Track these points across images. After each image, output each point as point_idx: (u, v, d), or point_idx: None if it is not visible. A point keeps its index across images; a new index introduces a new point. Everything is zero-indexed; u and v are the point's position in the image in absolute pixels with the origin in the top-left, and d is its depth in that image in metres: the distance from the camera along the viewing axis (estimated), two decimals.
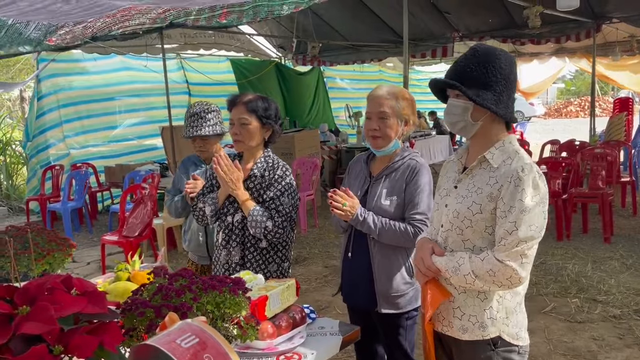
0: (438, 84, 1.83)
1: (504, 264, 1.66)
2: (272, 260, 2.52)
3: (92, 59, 8.92)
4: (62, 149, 8.83)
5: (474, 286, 1.73)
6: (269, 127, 2.53)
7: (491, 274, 1.68)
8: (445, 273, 1.77)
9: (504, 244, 1.67)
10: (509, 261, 1.66)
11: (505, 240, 1.67)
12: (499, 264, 1.67)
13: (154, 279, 1.75)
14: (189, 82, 10.54)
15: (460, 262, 1.72)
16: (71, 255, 2.19)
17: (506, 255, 1.66)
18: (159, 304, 1.37)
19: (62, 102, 8.78)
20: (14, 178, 9.98)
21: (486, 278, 1.69)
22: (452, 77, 1.78)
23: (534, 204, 1.67)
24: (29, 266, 2.02)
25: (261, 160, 2.53)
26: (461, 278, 1.73)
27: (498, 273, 1.67)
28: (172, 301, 1.38)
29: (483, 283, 1.70)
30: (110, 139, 9.37)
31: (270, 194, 2.45)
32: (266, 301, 1.82)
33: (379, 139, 2.36)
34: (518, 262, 1.66)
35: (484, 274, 1.69)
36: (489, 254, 1.70)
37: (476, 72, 1.75)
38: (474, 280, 1.70)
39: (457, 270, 1.73)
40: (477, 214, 1.74)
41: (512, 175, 1.69)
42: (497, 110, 1.73)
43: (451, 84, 1.76)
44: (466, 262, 1.71)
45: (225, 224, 2.51)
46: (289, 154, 7.93)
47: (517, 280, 1.68)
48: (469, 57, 1.79)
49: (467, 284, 1.73)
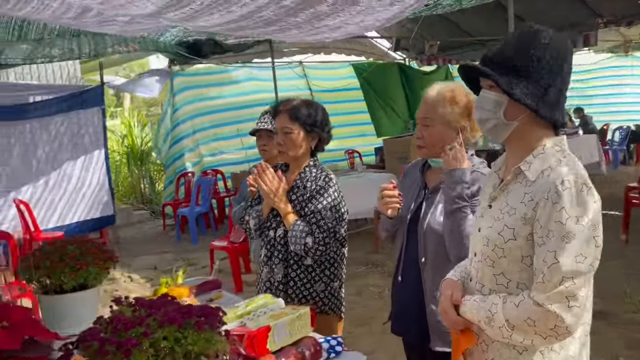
0: (468, 71, 1.49)
1: (545, 309, 1.28)
2: (318, 279, 2.32)
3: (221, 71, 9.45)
4: (196, 156, 9.46)
5: (513, 340, 1.36)
6: (315, 135, 2.34)
7: (530, 323, 1.31)
8: (479, 324, 1.42)
9: (543, 281, 1.29)
10: (551, 305, 1.28)
11: (544, 277, 1.29)
12: (538, 309, 1.29)
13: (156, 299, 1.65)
14: (311, 90, 10.67)
15: (493, 311, 1.37)
16: (108, 269, 2.18)
17: (547, 298, 1.28)
18: (106, 337, 1.25)
19: (194, 112, 9.41)
20: (156, 184, 10.91)
21: (525, 329, 1.32)
22: (486, 64, 1.44)
23: (580, 228, 1.27)
24: (63, 279, 2.05)
25: (305, 171, 2.35)
26: (496, 331, 1.37)
27: (539, 322, 1.29)
28: (119, 335, 1.25)
29: (523, 336, 1.34)
30: (239, 146, 9.82)
31: (312, 207, 2.25)
32: (268, 332, 1.63)
33: (424, 149, 2.04)
34: (564, 306, 1.27)
35: (521, 324, 1.32)
36: (525, 296, 1.33)
37: (516, 59, 1.39)
38: (510, 333, 1.35)
39: (490, 321, 1.37)
40: (509, 241, 1.37)
41: (550, 189, 1.31)
42: (537, 109, 1.36)
43: (482, 71, 1.42)
44: (499, 310, 1.36)
45: (268, 239, 2.37)
46: (404, 157, 7.61)
47: (564, 330, 1.29)
48: (509, 39, 1.44)
49: (505, 338, 1.37)
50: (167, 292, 2.24)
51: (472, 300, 1.45)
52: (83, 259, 2.12)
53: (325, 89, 10.67)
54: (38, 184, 7.34)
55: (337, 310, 2.40)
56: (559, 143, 1.41)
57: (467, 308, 1.44)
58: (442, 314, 1.52)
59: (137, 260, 7.12)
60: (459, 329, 1.48)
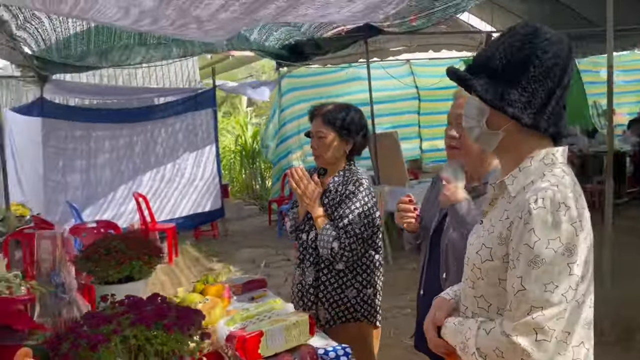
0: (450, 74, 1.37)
1: (511, 340, 1.16)
2: (350, 285, 2.29)
3: (326, 72, 9.61)
4: (301, 155, 9.74)
5: None
6: (350, 140, 2.31)
7: (498, 354, 1.19)
8: (456, 348, 1.32)
9: (511, 309, 1.17)
10: (517, 337, 1.15)
11: (512, 304, 1.16)
12: (505, 339, 1.17)
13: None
14: (418, 87, 10.45)
15: (467, 336, 1.27)
16: (151, 265, 2.34)
17: (513, 328, 1.16)
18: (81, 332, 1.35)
19: (300, 112, 9.64)
20: (267, 181, 11.40)
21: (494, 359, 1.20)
22: (471, 67, 1.32)
23: (550, 253, 1.12)
24: (109, 271, 2.24)
25: (339, 174, 2.33)
26: (470, 358, 1.26)
27: (506, 353, 1.18)
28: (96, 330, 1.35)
29: None
30: None
31: (340, 212, 2.22)
32: (260, 337, 1.64)
33: (459, 150, 1.90)
34: (530, 339, 1.14)
35: (491, 354, 1.21)
36: (497, 324, 1.21)
37: (501, 62, 1.26)
38: None
39: (465, 347, 1.28)
40: (486, 261, 1.25)
41: (524, 207, 1.17)
42: (519, 117, 1.22)
43: (458, 75, 1.30)
44: (472, 337, 1.26)
45: (300, 241, 2.39)
46: None
47: None
48: (498, 39, 1.31)
49: None
50: (204, 288, 2.37)
51: (452, 322, 1.34)
52: (127, 253, 2.30)
53: (432, 87, 10.38)
54: (155, 179, 8.05)
55: (372, 319, 2.35)
56: (552, 155, 1.25)
57: (447, 330, 1.34)
58: (425, 334, 1.43)
59: (239, 252, 7.51)
60: (439, 351, 1.38)
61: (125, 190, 7.81)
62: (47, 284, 2.25)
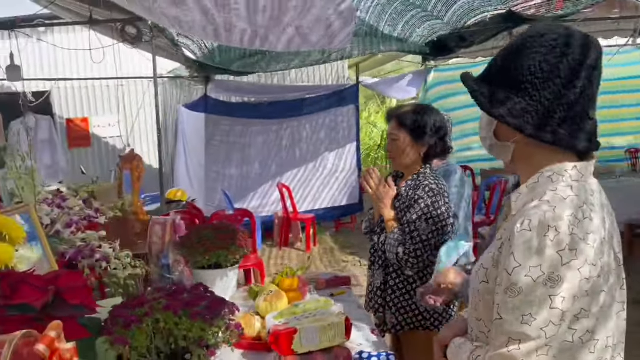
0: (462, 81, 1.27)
1: None
2: None
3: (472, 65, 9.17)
4: None
5: None
6: (424, 143, 2.24)
7: None
8: None
9: (492, 338, 1.07)
10: None
11: (491, 333, 1.07)
12: None
13: None
14: None
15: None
16: (235, 254, 2.52)
17: (490, 358, 1.06)
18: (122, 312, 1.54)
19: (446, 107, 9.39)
20: None
21: None
22: (483, 74, 1.23)
23: (529, 282, 1.00)
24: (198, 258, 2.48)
25: (413, 178, 2.27)
26: None
27: None
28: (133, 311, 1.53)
29: None
30: None
31: (408, 217, 2.18)
32: (294, 334, 1.70)
33: None
34: None
35: None
36: (484, 352, 1.11)
37: (510, 68, 1.15)
38: None
39: None
40: (482, 283, 1.17)
41: (511, 230, 1.05)
42: (523, 128, 1.10)
43: (467, 84, 1.21)
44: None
45: (372, 243, 2.38)
46: None
47: None
48: (510, 43, 1.20)
49: None
50: (280, 281, 2.49)
51: (455, 343, 1.26)
52: (215, 243, 2.51)
53: (604, 78, 9.32)
54: (299, 172, 8.48)
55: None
56: (564, 171, 1.10)
57: (450, 351, 1.27)
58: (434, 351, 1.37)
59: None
60: None
61: (270, 182, 8.36)
62: (156, 265, 2.58)
